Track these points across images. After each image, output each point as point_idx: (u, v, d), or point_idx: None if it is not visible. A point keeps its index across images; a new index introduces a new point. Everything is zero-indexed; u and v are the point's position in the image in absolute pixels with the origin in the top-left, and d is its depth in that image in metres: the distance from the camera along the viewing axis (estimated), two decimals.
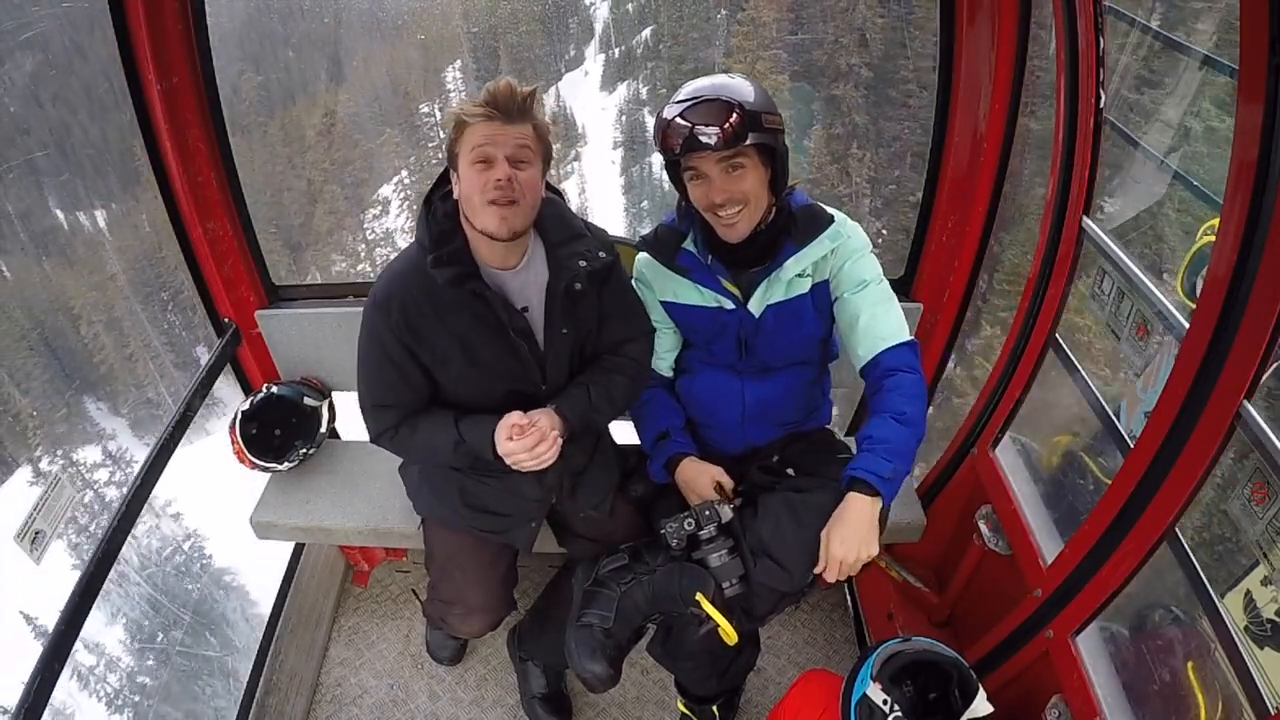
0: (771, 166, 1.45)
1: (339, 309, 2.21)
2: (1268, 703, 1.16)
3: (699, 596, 1.44)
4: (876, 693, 1.30)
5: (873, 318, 1.52)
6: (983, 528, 1.88)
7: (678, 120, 1.37)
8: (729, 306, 1.60)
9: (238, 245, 2.13)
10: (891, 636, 1.45)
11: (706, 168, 1.42)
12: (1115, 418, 1.64)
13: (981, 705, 1.30)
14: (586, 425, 1.60)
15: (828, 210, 1.56)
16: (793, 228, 1.53)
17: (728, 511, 1.49)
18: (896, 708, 1.28)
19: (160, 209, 2.02)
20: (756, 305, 1.58)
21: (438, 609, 1.90)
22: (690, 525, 1.48)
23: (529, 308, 1.52)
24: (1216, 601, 1.27)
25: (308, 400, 2.21)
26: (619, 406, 1.65)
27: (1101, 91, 1.55)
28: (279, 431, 2.19)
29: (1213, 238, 1.23)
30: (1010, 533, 1.83)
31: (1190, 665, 1.44)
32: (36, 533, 1.58)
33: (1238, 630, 1.23)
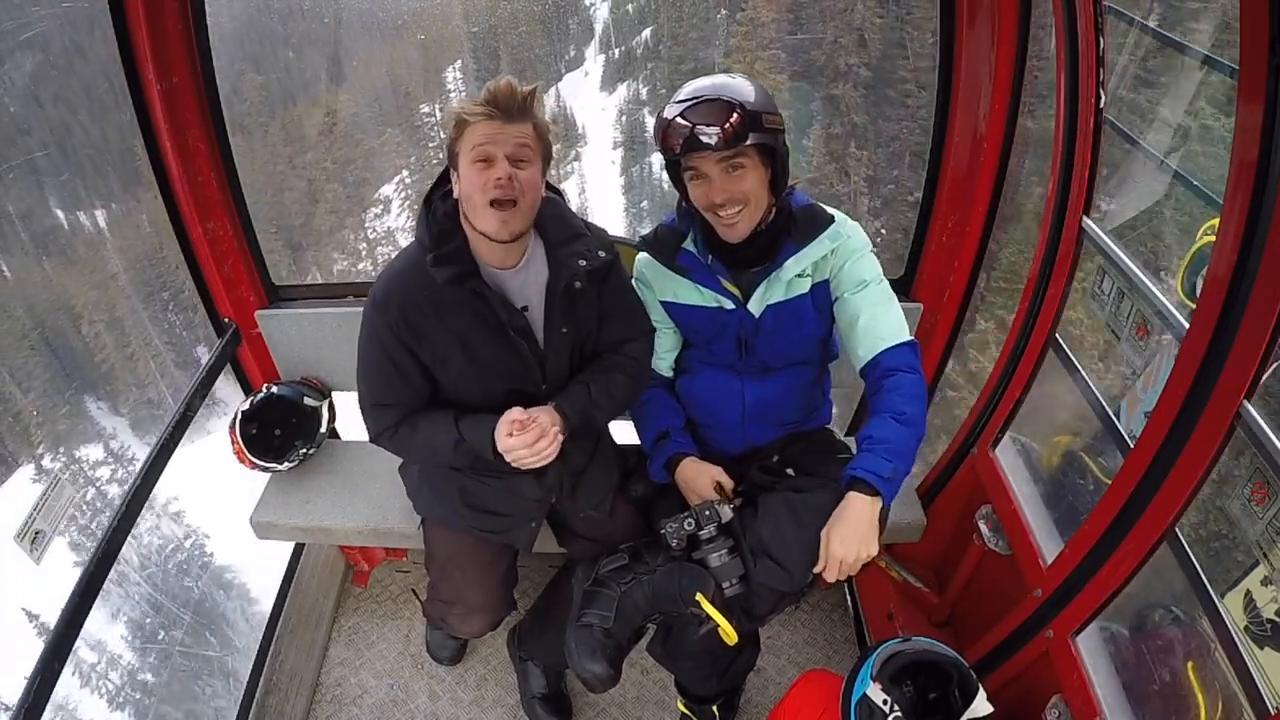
0: (772, 166, 1.45)
1: (339, 309, 2.21)
2: (1268, 703, 1.16)
3: (699, 596, 1.44)
4: (876, 693, 1.30)
5: (873, 318, 1.52)
6: (983, 528, 1.88)
7: (678, 120, 1.37)
8: (729, 306, 1.60)
9: (238, 245, 2.13)
10: (891, 636, 1.45)
11: (707, 168, 1.42)
12: (1115, 417, 1.64)
13: (981, 705, 1.30)
14: (586, 423, 1.60)
15: (828, 210, 1.56)
16: (793, 228, 1.53)
17: (728, 511, 1.49)
18: (896, 708, 1.28)
19: (160, 209, 2.02)
20: (756, 305, 1.58)
21: (438, 609, 1.90)
22: (690, 525, 1.48)
23: (529, 307, 1.52)
24: (1216, 601, 1.27)
25: (308, 400, 2.21)
26: (619, 405, 1.65)
27: (1101, 91, 1.55)
28: (279, 431, 2.19)
29: (1213, 238, 1.23)
30: (1010, 533, 1.83)
31: (1190, 665, 1.44)
32: (36, 533, 1.58)
33: (1238, 630, 1.23)
